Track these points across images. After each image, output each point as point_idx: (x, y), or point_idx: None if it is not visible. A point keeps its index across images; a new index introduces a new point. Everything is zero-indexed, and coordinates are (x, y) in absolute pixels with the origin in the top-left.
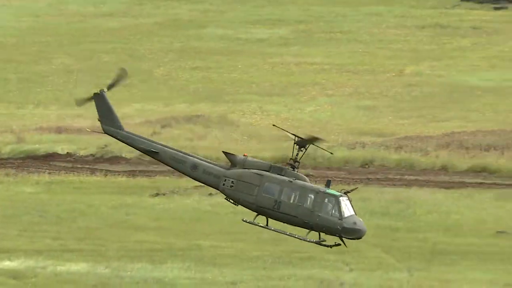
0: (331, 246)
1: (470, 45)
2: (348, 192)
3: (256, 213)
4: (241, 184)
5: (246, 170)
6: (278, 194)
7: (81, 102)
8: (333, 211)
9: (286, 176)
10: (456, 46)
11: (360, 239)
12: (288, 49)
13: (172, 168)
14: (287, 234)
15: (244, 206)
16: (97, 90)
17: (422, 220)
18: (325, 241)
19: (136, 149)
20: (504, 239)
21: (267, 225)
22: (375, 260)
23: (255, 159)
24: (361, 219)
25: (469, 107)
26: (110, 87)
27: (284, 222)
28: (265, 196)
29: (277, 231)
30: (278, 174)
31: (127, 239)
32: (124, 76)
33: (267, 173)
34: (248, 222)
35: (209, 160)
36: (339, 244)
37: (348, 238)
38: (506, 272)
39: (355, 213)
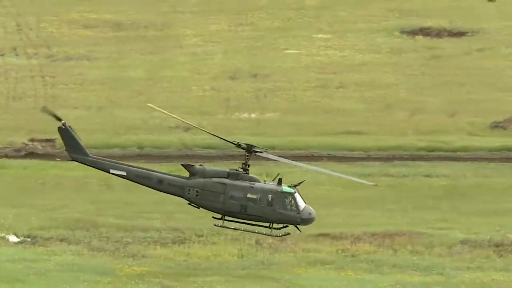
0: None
1: None
2: (297, 185)
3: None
4: (207, 193)
5: (208, 179)
6: (243, 199)
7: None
8: (291, 207)
9: (243, 180)
10: None
11: None
12: None
13: (140, 184)
14: (255, 232)
15: (213, 212)
16: (59, 124)
17: None
18: (289, 233)
19: (104, 171)
20: None
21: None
22: None
23: (213, 168)
24: (311, 208)
25: None
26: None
27: (251, 221)
28: (232, 202)
29: (246, 231)
30: (236, 179)
31: None
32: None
33: (229, 181)
34: (219, 226)
35: (170, 173)
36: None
37: (304, 225)
38: None
39: (305, 203)
